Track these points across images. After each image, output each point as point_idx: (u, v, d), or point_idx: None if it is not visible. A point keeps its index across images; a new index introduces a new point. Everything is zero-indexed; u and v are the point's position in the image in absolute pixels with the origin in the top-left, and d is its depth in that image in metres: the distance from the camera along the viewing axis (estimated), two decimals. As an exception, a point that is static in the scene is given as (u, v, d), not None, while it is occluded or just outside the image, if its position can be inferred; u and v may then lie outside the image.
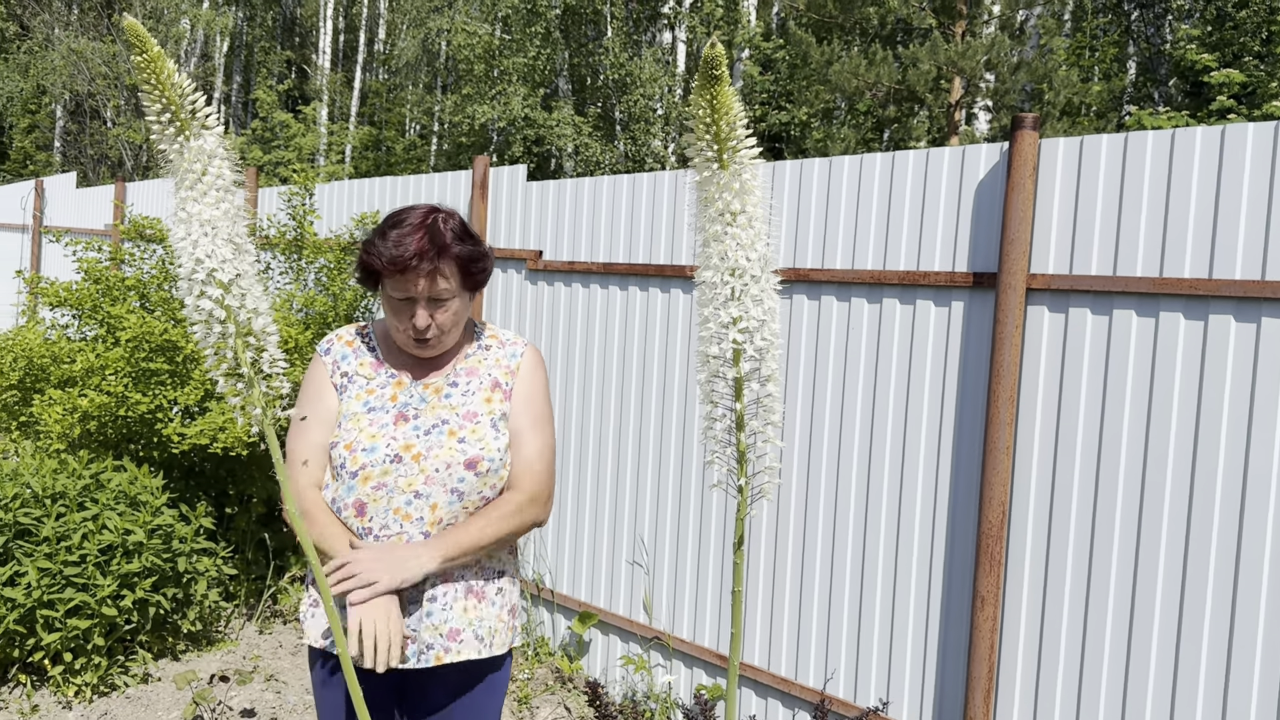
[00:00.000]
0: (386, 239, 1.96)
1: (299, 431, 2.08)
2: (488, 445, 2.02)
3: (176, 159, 1.60)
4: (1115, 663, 2.86)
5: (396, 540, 1.97)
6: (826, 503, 3.51)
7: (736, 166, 1.39)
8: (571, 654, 4.40)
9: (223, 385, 1.66)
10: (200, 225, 1.60)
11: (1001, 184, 3.07)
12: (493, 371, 2.11)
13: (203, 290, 1.61)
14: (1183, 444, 2.75)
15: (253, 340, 1.66)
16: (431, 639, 2.00)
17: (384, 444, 1.99)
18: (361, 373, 2.09)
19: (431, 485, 1.98)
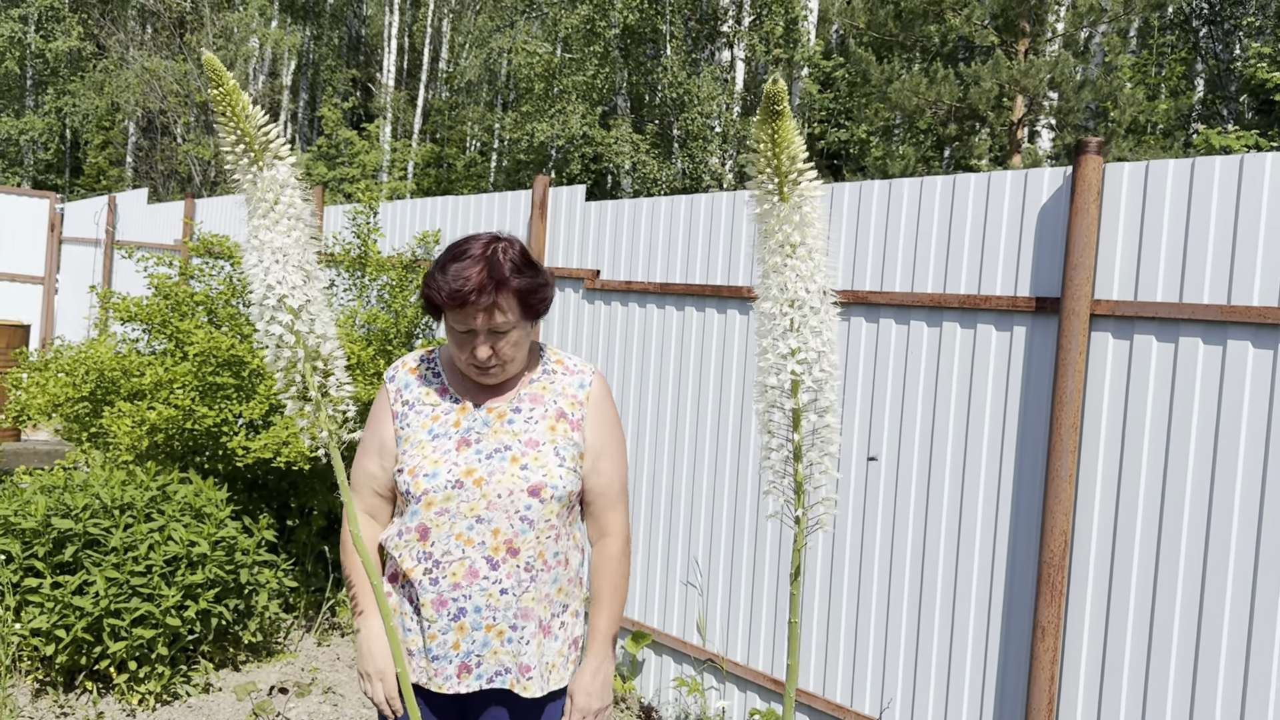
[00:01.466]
0: (446, 273, 1.97)
1: (357, 457, 2.15)
2: (550, 473, 2.02)
3: (250, 188, 1.65)
4: (1180, 697, 2.80)
5: (459, 566, 1.99)
6: (884, 529, 3.48)
7: (797, 199, 1.39)
8: (625, 674, 4.41)
9: (291, 408, 1.70)
10: (272, 253, 1.65)
11: (1065, 208, 3.04)
12: (558, 400, 2.10)
13: (273, 315, 1.65)
14: (1251, 475, 2.69)
15: (320, 364, 1.70)
16: (510, 665, 2.02)
17: (445, 469, 2.00)
18: (426, 400, 2.11)
19: (494, 510, 1.99)
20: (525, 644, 2.02)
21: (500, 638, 2.01)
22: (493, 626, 2.00)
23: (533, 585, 2.02)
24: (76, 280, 10.60)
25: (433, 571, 2.01)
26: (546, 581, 2.04)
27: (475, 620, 1.99)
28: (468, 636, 2.00)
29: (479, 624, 2.00)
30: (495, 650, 2.01)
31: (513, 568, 2.00)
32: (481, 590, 1.99)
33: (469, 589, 1.99)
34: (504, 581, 2.00)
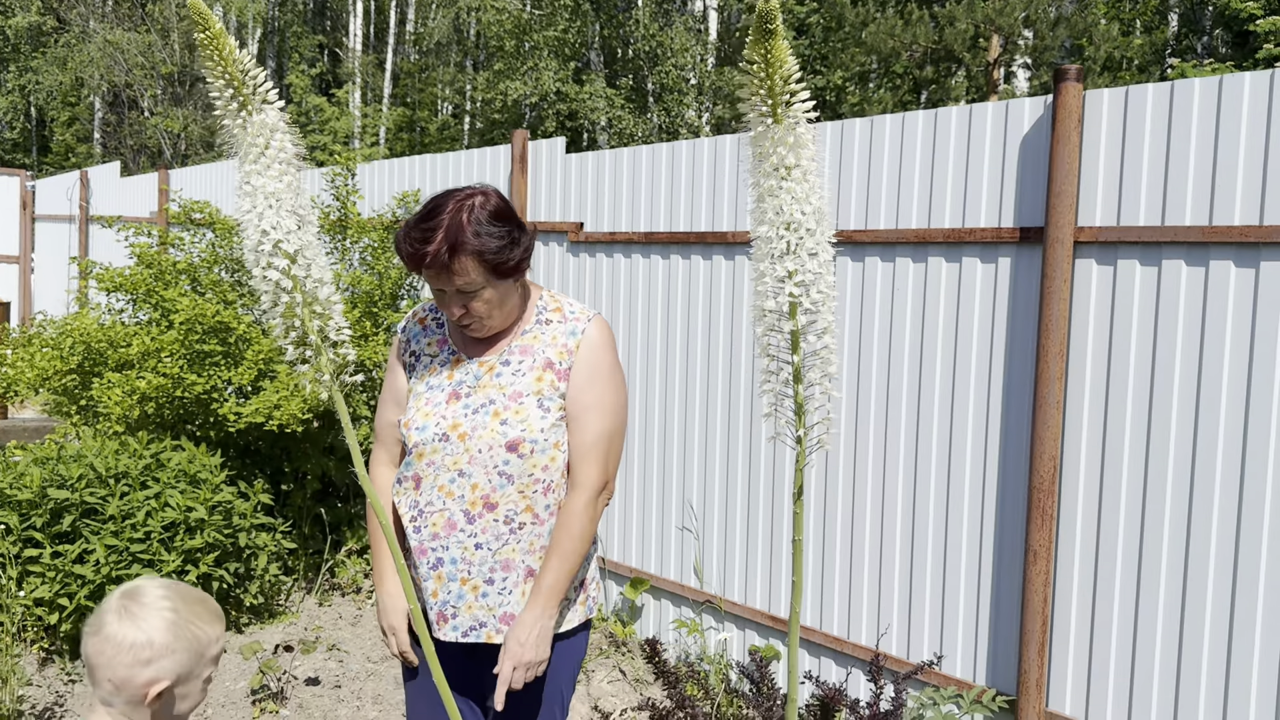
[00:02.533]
0: (410, 234, 1.97)
1: (378, 409, 2.20)
2: (530, 426, 2.01)
3: (240, 134, 1.64)
4: (1170, 614, 2.87)
5: (439, 518, 2.02)
6: (875, 463, 3.52)
7: (790, 120, 1.41)
8: (624, 619, 4.47)
9: (291, 353, 1.70)
10: (265, 198, 1.64)
11: (1046, 137, 3.05)
12: (547, 350, 2.08)
13: (269, 261, 1.65)
14: (1235, 393, 2.74)
15: (319, 309, 1.70)
16: (485, 618, 2.04)
17: (434, 422, 2.03)
18: (428, 351, 2.15)
19: (474, 465, 2.01)
20: (508, 594, 2.04)
21: (475, 592, 2.04)
22: (467, 580, 2.03)
23: (513, 538, 2.03)
24: (52, 258, 10.49)
25: (417, 520, 2.06)
26: (538, 534, 2.05)
27: (451, 571, 2.03)
28: (444, 586, 2.04)
29: (454, 575, 2.03)
30: (470, 604, 2.04)
31: (489, 522, 2.02)
32: (458, 543, 2.02)
33: (446, 540, 2.03)
34: (479, 536, 2.02)
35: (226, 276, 5.25)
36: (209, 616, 1.62)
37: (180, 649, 1.56)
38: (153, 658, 1.54)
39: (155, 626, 1.55)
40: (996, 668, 3.23)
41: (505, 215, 2.00)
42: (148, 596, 1.59)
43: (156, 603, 1.58)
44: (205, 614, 1.61)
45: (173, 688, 1.57)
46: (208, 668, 1.62)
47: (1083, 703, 3.04)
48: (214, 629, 1.62)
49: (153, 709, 1.58)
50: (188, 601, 1.61)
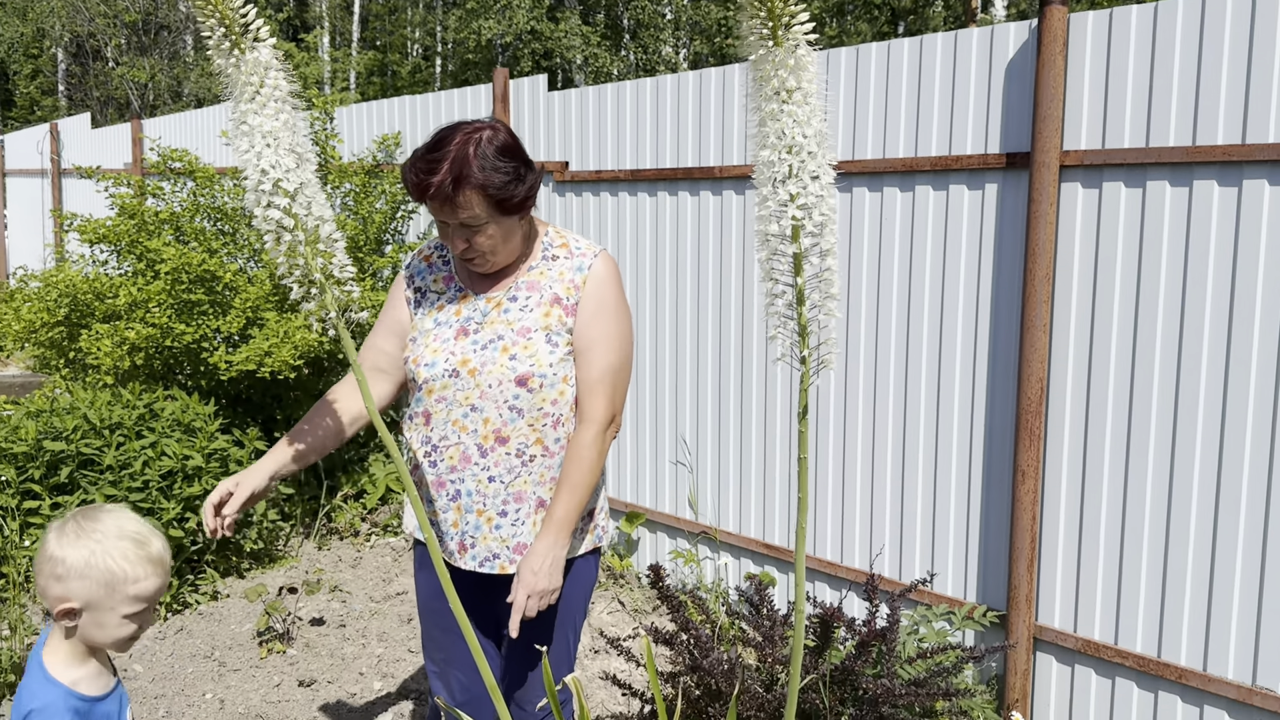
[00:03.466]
0: (417, 165, 1.98)
1: (369, 335, 2.22)
2: (539, 361, 2.05)
3: (234, 73, 1.64)
4: (1155, 530, 2.95)
5: (454, 451, 2.06)
6: (866, 390, 3.58)
7: (791, 43, 1.42)
8: (621, 552, 4.55)
9: (296, 292, 1.72)
10: (262, 137, 1.65)
11: (1032, 61, 3.07)
12: (554, 286, 2.10)
13: (270, 200, 1.66)
14: (1219, 311, 2.79)
15: (321, 247, 1.72)
16: (498, 550, 2.10)
17: (443, 359, 2.06)
18: (434, 288, 2.17)
19: (485, 400, 2.04)
20: (520, 524, 2.10)
21: (489, 524, 2.09)
22: (483, 512, 2.08)
23: (525, 471, 2.08)
24: (26, 213, 10.36)
25: (432, 455, 2.10)
26: (548, 466, 2.10)
27: (468, 503, 2.08)
28: (463, 518, 2.09)
29: (470, 507, 2.08)
30: (485, 535, 2.09)
31: (501, 455, 2.06)
32: (473, 475, 2.07)
33: (462, 472, 2.07)
34: (492, 469, 2.07)
35: (209, 225, 5.22)
36: (138, 559, 1.65)
37: (92, 578, 1.62)
38: (64, 575, 1.62)
39: (75, 550, 1.62)
40: (987, 585, 3.32)
41: (513, 151, 2.01)
42: (93, 523, 1.66)
43: (92, 531, 1.64)
44: (135, 555, 1.64)
45: (81, 611, 1.63)
46: (126, 605, 1.64)
47: (1071, 616, 3.14)
48: (136, 569, 1.64)
49: (64, 626, 1.65)
50: (121, 538, 1.65)
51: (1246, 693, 2.80)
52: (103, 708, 1.70)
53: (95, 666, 1.71)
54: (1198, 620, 2.90)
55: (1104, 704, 3.10)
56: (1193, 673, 2.89)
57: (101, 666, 1.73)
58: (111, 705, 1.72)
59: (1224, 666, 2.86)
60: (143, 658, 3.74)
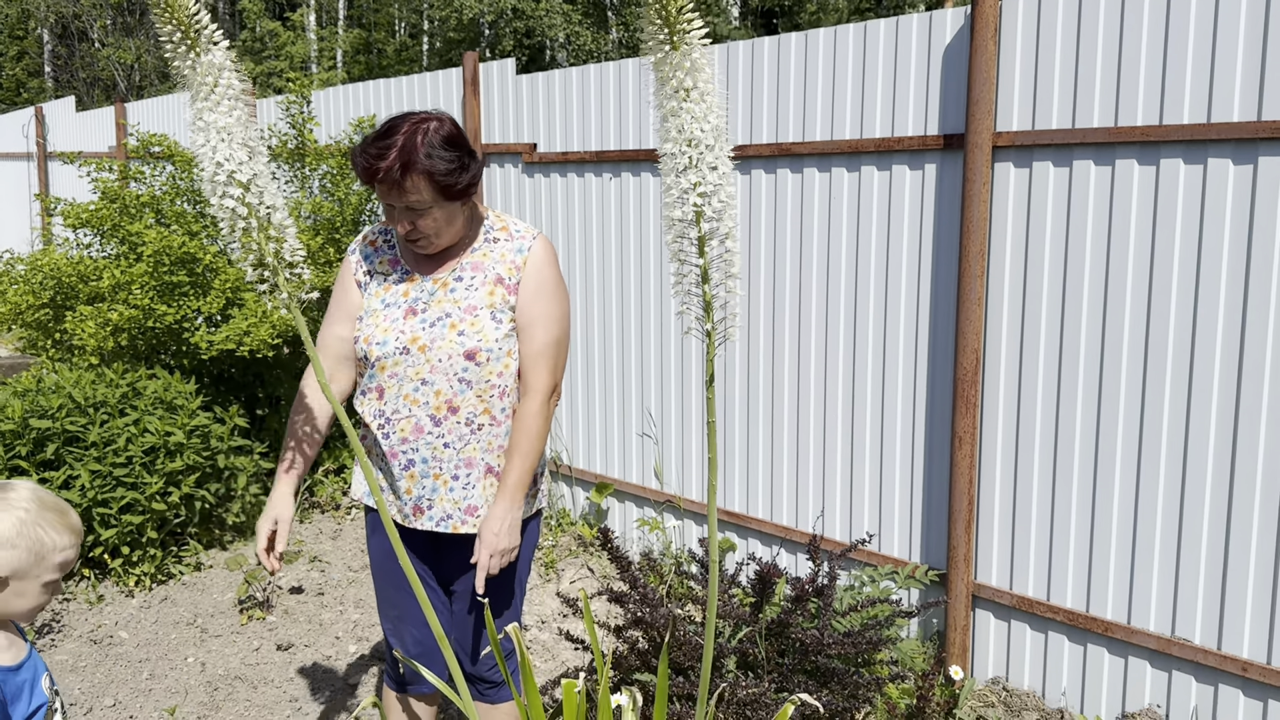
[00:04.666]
0: (367, 150, 2.10)
1: (325, 323, 2.35)
2: (486, 336, 2.20)
3: (190, 74, 1.78)
4: (1083, 491, 3.12)
5: (406, 423, 2.21)
6: (817, 360, 3.74)
7: (686, 47, 1.56)
8: (591, 521, 4.72)
9: (251, 275, 1.86)
10: (217, 132, 1.79)
11: (966, 47, 3.21)
12: (497, 267, 2.26)
13: (225, 191, 1.81)
14: (1139, 284, 2.95)
15: (273, 233, 1.86)
16: (451, 511, 2.26)
17: (394, 337, 2.21)
18: (380, 270, 2.30)
19: (435, 374, 2.20)
20: (471, 488, 2.26)
21: (445, 485, 2.26)
22: (439, 475, 2.25)
23: (474, 438, 2.24)
24: (11, 196, 10.45)
25: (385, 427, 2.25)
26: (495, 435, 2.26)
27: (423, 470, 2.24)
28: (418, 484, 2.26)
29: (426, 473, 2.25)
30: (442, 496, 2.26)
31: (453, 424, 2.22)
32: (427, 444, 2.23)
33: (415, 442, 2.23)
34: (446, 436, 2.23)
35: (189, 208, 5.35)
36: (61, 526, 1.72)
37: (21, 546, 1.67)
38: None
39: (3, 522, 1.66)
40: (929, 545, 3.49)
41: (457, 141, 2.16)
42: (12, 495, 1.70)
43: (16, 502, 1.69)
44: (59, 523, 1.71)
45: (7, 579, 1.68)
46: (49, 572, 1.71)
47: (1007, 574, 3.31)
48: (62, 538, 1.71)
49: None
50: (45, 508, 1.71)
51: (1165, 643, 2.98)
52: (18, 678, 1.73)
53: (5, 638, 1.74)
54: (1122, 576, 3.07)
55: (1038, 657, 3.28)
56: (1118, 625, 3.07)
57: (12, 637, 1.76)
58: (26, 674, 1.75)
59: (1146, 619, 3.04)
60: (128, 625, 3.91)
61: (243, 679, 3.52)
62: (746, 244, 3.90)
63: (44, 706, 1.77)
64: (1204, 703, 2.95)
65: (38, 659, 1.81)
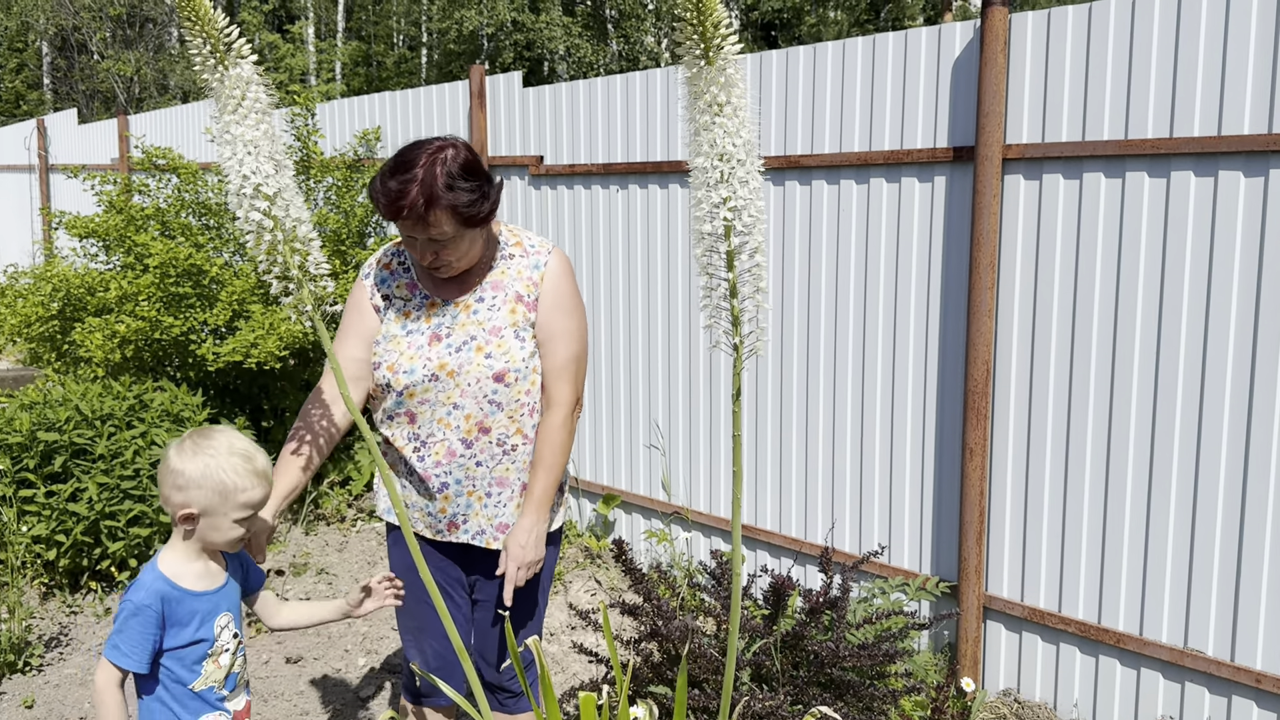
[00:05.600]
0: (387, 185, 2.08)
1: (338, 343, 2.30)
2: (512, 357, 2.21)
3: (219, 87, 1.79)
4: (1095, 502, 3.13)
5: (440, 447, 2.22)
6: (826, 375, 3.75)
7: (722, 62, 1.58)
8: (598, 533, 4.72)
9: (276, 287, 1.87)
10: (244, 145, 1.80)
11: (976, 59, 3.23)
12: (515, 285, 2.25)
13: (251, 204, 1.81)
14: (1150, 295, 2.97)
15: (298, 246, 1.87)
16: (484, 526, 2.28)
17: (421, 365, 2.20)
18: (398, 295, 2.28)
19: (466, 397, 2.21)
20: (503, 506, 2.28)
21: (480, 501, 2.27)
22: (473, 492, 2.26)
23: (506, 458, 2.25)
24: (13, 210, 10.45)
25: (420, 450, 2.26)
26: (528, 453, 2.28)
27: (457, 490, 2.26)
28: (452, 503, 2.27)
29: (460, 492, 2.26)
30: (476, 511, 2.27)
31: (485, 444, 2.23)
32: (460, 466, 2.24)
33: (449, 465, 2.24)
34: (478, 456, 2.24)
35: (195, 221, 5.36)
36: (245, 471, 1.89)
37: (207, 487, 1.87)
38: (184, 486, 1.87)
39: (192, 464, 1.87)
40: (940, 557, 3.50)
41: (475, 168, 2.13)
42: (207, 441, 1.90)
43: (206, 448, 1.89)
44: (243, 469, 1.89)
45: (199, 516, 1.89)
46: (237, 511, 1.90)
47: (1018, 585, 3.32)
48: (244, 480, 1.89)
49: (183, 529, 1.91)
50: (233, 454, 1.89)
51: (1178, 654, 2.98)
52: (194, 602, 1.92)
53: (202, 567, 1.95)
54: (1134, 588, 3.08)
55: (1049, 669, 3.29)
56: (1130, 637, 3.07)
57: (210, 568, 1.96)
58: (204, 604, 1.93)
59: (1158, 631, 3.04)
60: (137, 638, 3.90)
61: (253, 693, 3.51)
62: (755, 256, 3.91)
63: (208, 643, 1.93)
64: (1218, 714, 2.96)
65: (226, 597, 1.98)
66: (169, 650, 1.90)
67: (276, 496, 2.09)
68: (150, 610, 1.87)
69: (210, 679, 1.95)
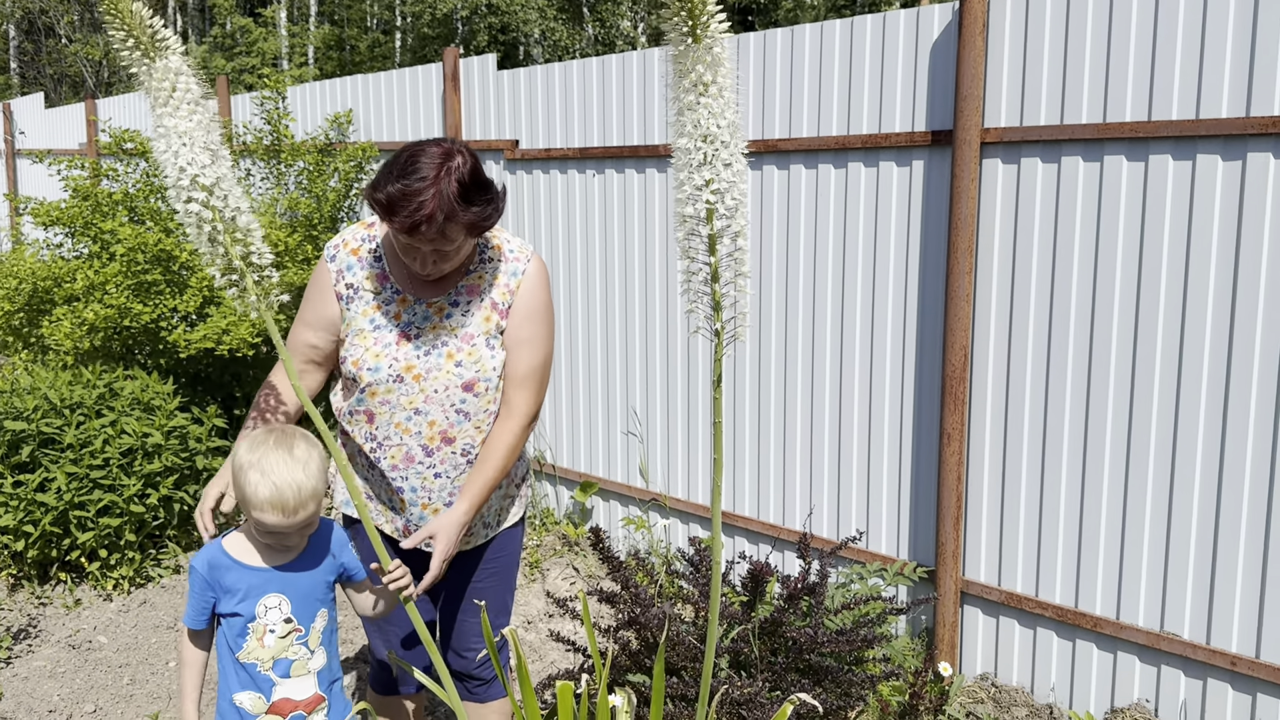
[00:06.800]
0: (398, 206, 1.95)
1: (296, 328, 2.22)
2: (484, 367, 2.14)
3: (147, 79, 1.75)
4: (1071, 487, 3.13)
5: (397, 451, 2.15)
6: (804, 361, 3.73)
7: (709, 40, 1.54)
8: (576, 521, 4.69)
9: (219, 279, 1.83)
10: (178, 137, 1.76)
11: (954, 43, 3.21)
12: (491, 292, 2.17)
13: (189, 195, 1.77)
14: (1128, 279, 2.96)
15: (239, 235, 1.83)
16: None
17: (387, 364, 2.12)
18: (367, 286, 2.16)
19: (430, 404, 2.13)
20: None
21: (435, 514, 2.20)
22: (428, 505, 2.20)
23: (469, 467, 2.18)
24: (-22, 193, 10.26)
25: (376, 452, 2.18)
26: None
27: (412, 498, 2.19)
28: (406, 511, 2.21)
29: (415, 501, 2.20)
30: (430, 522, 2.18)
31: (447, 454, 2.16)
32: (417, 474, 2.17)
33: (405, 471, 2.17)
34: (438, 467, 2.17)
35: (164, 206, 5.27)
36: (264, 501, 1.86)
37: (236, 488, 1.92)
38: (234, 468, 1.92)
39: (245, 455, 1.89)
40: (917, 542, 3.50)
41: (484, 178, 2.04)
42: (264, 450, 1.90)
43: (261, 456, 1.89)
44: (265, 496, 1.86)
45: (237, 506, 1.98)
46: (257, 521, 1.90)
47: (996, 570, 3.32)
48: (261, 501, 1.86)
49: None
50: (266, 475, 1.87)
51: (1154, 638, 3.00)
52: (244, 574, 1.94)
53: (260, 548, 1.96)
54: (1111, 572, 3.09)
55: (1026, 652, 3.30)
56: (1107, 621, 3.08)
57: (268, 552, 1.96)
58: (255, 578, 1.95)
59: (1135, 615, 3.05)
60: (107, 629, 3.85)
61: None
62: (733, 241, 3.89)
63: (246, 618, 1.94)
64: (1193, 697, 2.97)
65: (283, 580, 1.97)
66: (220, 615, 1.96)
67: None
68: (197, 573, 1.94)
69: (253, 654, 1.95)
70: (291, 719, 1.97)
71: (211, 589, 1.94)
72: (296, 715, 1.98)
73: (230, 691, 1.97)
